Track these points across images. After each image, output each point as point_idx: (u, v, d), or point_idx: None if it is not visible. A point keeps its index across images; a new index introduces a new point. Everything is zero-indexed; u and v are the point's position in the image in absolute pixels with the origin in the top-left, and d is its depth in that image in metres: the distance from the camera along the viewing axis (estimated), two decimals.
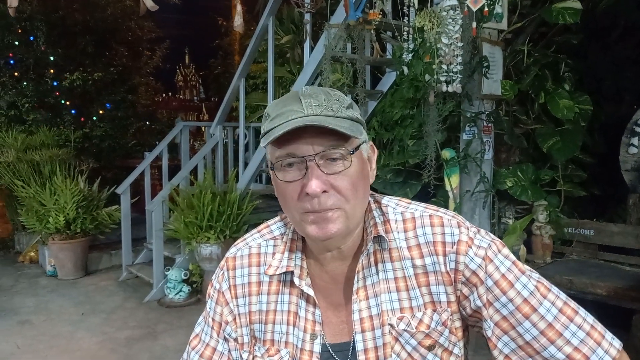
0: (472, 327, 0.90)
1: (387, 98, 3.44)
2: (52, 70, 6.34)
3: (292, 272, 0.88)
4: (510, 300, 0.80)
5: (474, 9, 2.52)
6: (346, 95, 0.84)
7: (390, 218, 0.89)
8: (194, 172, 4.92)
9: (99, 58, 6.70)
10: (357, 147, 0.80)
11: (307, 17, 3.19)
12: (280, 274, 0.89)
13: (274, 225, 0.96)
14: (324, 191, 0.77)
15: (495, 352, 0.83)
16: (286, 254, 0.90)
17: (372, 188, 0.91)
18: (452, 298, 0.85)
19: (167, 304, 4.20)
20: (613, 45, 3.94)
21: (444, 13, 2.77)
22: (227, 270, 0.94)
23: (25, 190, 5.15)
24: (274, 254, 0.91)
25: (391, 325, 0.84)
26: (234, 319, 0.93)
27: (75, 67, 6.42)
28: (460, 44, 2.78)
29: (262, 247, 0.93)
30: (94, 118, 6.65)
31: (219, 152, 5.16)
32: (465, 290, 0.84)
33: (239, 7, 2.44)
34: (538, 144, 3.45)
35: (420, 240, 0.86)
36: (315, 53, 3.41)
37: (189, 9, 8.87)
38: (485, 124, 3.06)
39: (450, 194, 3.01)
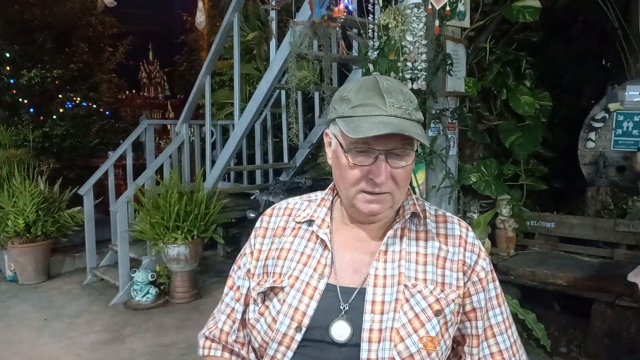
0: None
1: None
2: (8, 67, 6.08)
3: (313, 221, 1.03)
4: (489, 317, 1.01)
5: (437, 7, 2.55)
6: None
7: (425, 208, 1.05)
8: (160, 171, 4.82)
9: (58, 54, 6.47)
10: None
11: (272, 14, 3.16)
12: (304, 221, 1.04)
13: (313, 195, 1.12)
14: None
15: (466, 349, 1.02)
16: (314, 208, 1.05)
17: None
18: (461, 283, 0.98)
19: (134, 307, 4.11)
20: (573, 41, 4.07)
21: (408, 11, 2.79)
22: (265, 215, 1.10)
23: None
24: (304, 209, 1.06)
25: (406, 286, 0.94)
26: (251, 252, 1.07)
27: (33, 64, 6.18)
28: (424, 42, 2.81)
29: (297, 204, 1.09)
30: (54, 116, 6.43)
31: (185, 151, 5.07)
32: (472, 289, 0.99)
33: (200, 4, 2.39)
34: (501, 139, 3.53)
35: (449, 232, 1.02)
36: (281, 50, 3.39)
37: (153, 4, 8.66)
38: (449, 121, 3.11)
39: (416, 190, 3.05)
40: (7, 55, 6.07)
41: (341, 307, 0.94)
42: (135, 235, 4.26)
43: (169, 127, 7.36)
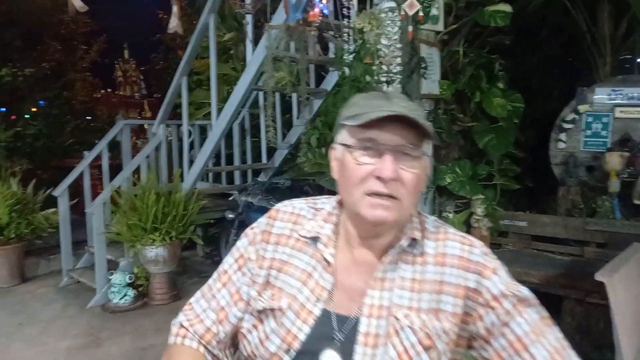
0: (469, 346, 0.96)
1: (330, 98, 3.48)
2: None
3: (318, 238, 0.98)
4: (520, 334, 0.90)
5: (410, 13, 2.59)
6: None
7: (426, 227, 0.99)
8: (137, 172, 4.77)
9: (29, 53, 6.32)
10: (425, 155, 0.91)
11: (248, 17, 3.15)
12: (309, 237, 0.99)
13: (320, 200, 1.07)
14: (393, 179, 0.86)
15: None
16: (320, 222, 1.00)
17: (321, 187, 1.06)
18: (458, 310, 0.91)
19: (111, 309, 4.07)
20: (542, 44, 4.17)
21: (383, 15, 2.83)
22: (269, 218, 1.05)
23: None
24: (311, 220, 1.02)
25: (396, 318, 0.89)
26: (257, 259, 1.02)
27: (2, 63, 6.03)
28: (399, 45, 2.85)
29: (303, 210, 1.04)
30: (26, 116, 6.29)
31: (162, 151, 5.02)
32: (482, 311, 0.91)
33: (175, 8, 2.37)
34: (475, 140, 3.60)
35: (448, 251, 0.95)
36: (257, 53, 3.39)
37: (128, 1, 8.53)
38: None
39: None
40: None
41: (334, 336, 0.91)
42: (111, 237, 4.21)
43: (145, 127, 7.29)
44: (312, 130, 3.38)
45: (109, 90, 8.67)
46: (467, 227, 3.54)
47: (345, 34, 3.05)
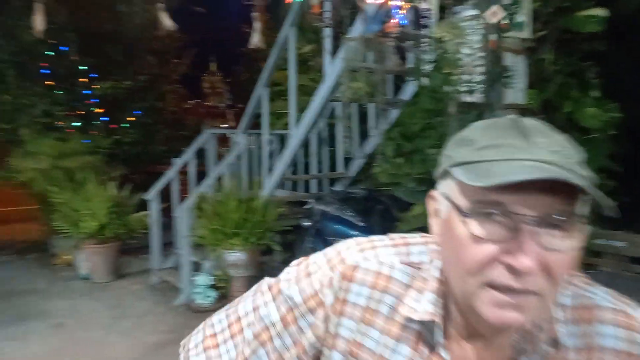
0: None
1: (408, 109, 3.44)
2: (83, 79, 6.56)
3: (427, 323, 0.67)
4: None
5: (493, 22, 2.50)
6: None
7: (563, 302, 0.66)
8: (220, 178, 5.02)
9: (128, 67, 6.90)
10: (581, 219, 0.58)
11: (326, 31, 3.21)
12: (413, 320, 0.67)
13: (414, 247, 0.73)
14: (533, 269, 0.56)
15: None
16: (428, 295, 0.67)
17: (395, 196, 0.77)
18: None
19: (195, 309, 4.31)
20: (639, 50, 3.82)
21: (464, 23, 2.76)
22: (342, 279, 0.71)
23: (60, 196, 5.36)
24: (408, 287, 0.69)
25: None
26: (327, 338, 0.72)
27: (105, 76, 6.64)
28: (481, 54, 2.76)
29: (395, 270, 0.71)
30: (124, 125, 6.86)
31: (243, 159, 5.24)
32: None
33: (257, 24, 2.48)
34: None
35: (598, 341, 0.64)
36: (334, 65, 3.44)
37: (215, 16, 9.02)
38: None
39: None
40: (83, 67, 6.54)
41: None
42: (196, 240, 4.46)
43: (229, 136, 7.65)
44: (388, 140, 3.36)
45: (197, 100, 9.22)
46: None
47: (423, 44, 3.01)
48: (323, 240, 4.53)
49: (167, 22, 2.14)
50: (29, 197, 6.22)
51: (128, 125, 6.87)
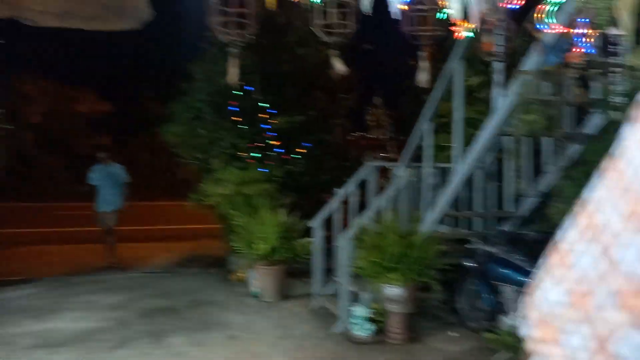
0: None
1: (593, 145, 3.08)
2: (263, 115, 7.33)
3: None
4: None
5: None
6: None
7: None
8: (380, 211, 5.08)
9: (301, 103, 7.52)
10: None
11: (497, 66, 3.08)
12: None
13: None
14: None
15: None
16: None
17: None
18: None
19: (351, 339, 4.37)
20: None
21: None
22: None
23: (239, 219, 6.00)
24: None
25: None
26: None
27: (282, 112, 7.32)
28: None
29: None
30: (295, 156, 7.43)
31: (404, 193, 5.24)
32: None
33: (424, 63, 2.49)
34: None
35: None
36: (505, 98, 3.27)
37: (381, 51, 9.34)
38: None
39: None
40: (264, 105, 7.31)
41: None
42: (355, 271, 4.56)
43: (389, 168, 7.76)
44: (567, 179, 3.04)
45: (360, 133, 9.58)
46: None
47: (613, 73, 2.69)
48: (487, 283, 4.25)
49: (339, 66, 2.30)
50: (215, 218, 7.11)
51: (299, 156, 7.41)
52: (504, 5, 2.55)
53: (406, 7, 2.40)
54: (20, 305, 5.35)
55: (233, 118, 7.24)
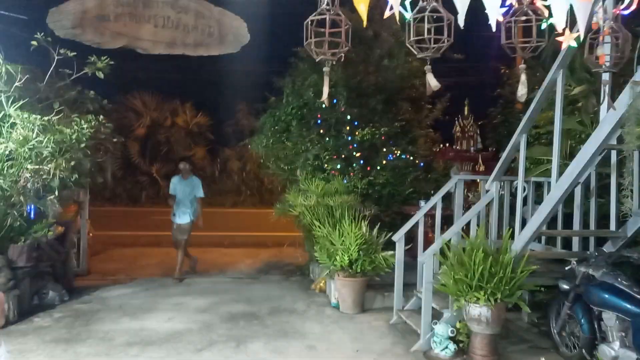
0: None
1: None
2: (348, 127, 7.35)
3: None
4: None
5: None
6: None
7: None
8: (467, 226, 4.85)
9: (385, 114, 7.44)
10: None
11: (605, 77, 2.80)
12: None
13: None
14: None
15: None
16: None
17: None
18: None
19: (431, 358, 4.20)
20: None
21: None
22: None
23: (321, 230, 6.04)
24: None
25: None
26: None
27: (366, 124, 7.29)
28: None
29: None
30: (378, 167, 7.35)
31: (494, 209, 4.96)
32: None
33: (523, 77, 2.33)
34: None
35: None
36: (615, 110, 2.97)
37: (471, 59, 9.00)
38: None
39: None
40: (348, 117, 7.34)
41: None
42: (438, 287, 4.38)
43: (478, 180, 7.38)
44: None
45: (446, 144, 9.26)
46: None
47: None
48: (586, 308, 3.88)
49: (433, 82, 2.22)
50: (298, 227, 7.23)
51: (381, 167, 7.33)
52: (617, 12, 2.31)
53: (505, 18, 2.27)
54: (118, 304, 5.79)
55: (318, 130, 7.35)
